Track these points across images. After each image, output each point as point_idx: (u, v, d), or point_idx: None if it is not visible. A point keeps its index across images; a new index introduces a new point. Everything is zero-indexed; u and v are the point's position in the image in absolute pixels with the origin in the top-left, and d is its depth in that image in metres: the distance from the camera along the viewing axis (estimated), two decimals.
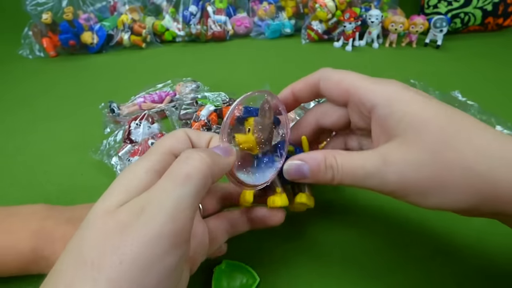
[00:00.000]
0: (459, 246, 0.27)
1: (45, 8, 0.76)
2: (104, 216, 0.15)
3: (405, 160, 0.18)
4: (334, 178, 0.20)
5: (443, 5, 0.86)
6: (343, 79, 0.22)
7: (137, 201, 0.16)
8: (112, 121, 0.45)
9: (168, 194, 0.15)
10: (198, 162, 0.17)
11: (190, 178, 0.16)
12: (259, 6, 0.90)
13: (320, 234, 0.29)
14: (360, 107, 0.21)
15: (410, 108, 0.19)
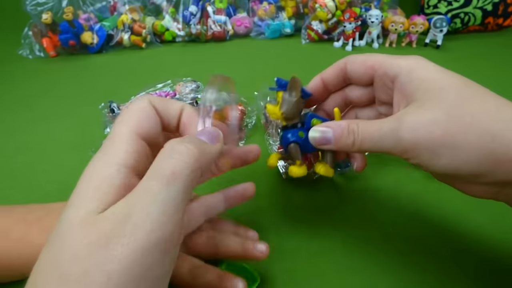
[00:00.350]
0: (459, 245, 0.27)
1: (45, 8, 0.76)
2: (83, 227, 0.14)
3: (419, 119, 0.18)
4: (355, 143, 0.21)
5: (443, 5, 0.86)
6: (368, 58, 0.24)
7: (119, 208, 0.14)
8: (112, 121, 0.45)
9: (153, 197, 0.14)
10: (185, 156, 0.15)
11: (176, 176, 0.15)
12: (259, 6, 0.90)
13: (319, 233, 0.29)
14: (384, 79, 0.23)
15: (429, 76, 0.20)
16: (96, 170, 0.16)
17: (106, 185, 0.15)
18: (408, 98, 0.20)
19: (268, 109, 0.25)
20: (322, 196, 0.33)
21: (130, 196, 0.15)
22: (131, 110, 0.19)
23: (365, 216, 0.30)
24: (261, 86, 0.47)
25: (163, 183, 0.14)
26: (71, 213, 0.14)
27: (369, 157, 0.38)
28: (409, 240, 0.28)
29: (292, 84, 0.24)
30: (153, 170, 0.15)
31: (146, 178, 0.15)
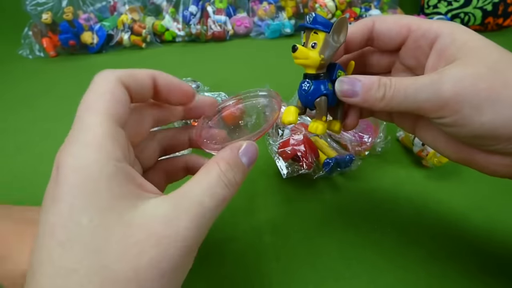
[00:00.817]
0: (458, 246, 0.28)
1: (45, 8, 0.77)
2: (122, 225, 0.14)
3: (462, 73, 0.18)
4: (385, 96, 0.19)
5: (443, 5, 0.86)
6: (400, 17, 0.22)
7: (164, 209, 0.15)
8: None
9: (203, 211, 0.16)
10: (235, 188, 0.17)
11: (226, 202, 0.17)
12: (259, 6, 0.90)
13: (319, 233, 0.29)
14: (421, 40, 0.21)
15: (472, 37, 0.19)
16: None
17: (113, 185, 0.15)
18: (449, 59, 0.19)
19: (300, 50, 0.20)
20: (321, 196, 0.33)
21: (179, 201, 0.16)
22: (98, 93, 0.18)
23: (365, 216, 0.30)
24: (261, 86, 0.47)
25: (214, 205, 0.16)
26: (99, 219, 0.14)
27: (369, 157, 0.38)
28: (407, 241, 0.28)
29: (340, 25, 0.21)
30: (207, 186, 0.16)
31: (198, 190, 0.16)
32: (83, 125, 0.16)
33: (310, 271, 0.26)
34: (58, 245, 0.13)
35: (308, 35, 0.21)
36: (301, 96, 0.22)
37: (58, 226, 0.14)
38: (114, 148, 0.16)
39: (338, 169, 0.34)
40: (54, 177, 0.15)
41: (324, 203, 0.32)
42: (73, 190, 0.14)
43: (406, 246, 0.28)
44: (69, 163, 0.15)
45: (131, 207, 0.15)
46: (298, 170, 0.33)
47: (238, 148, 0.19)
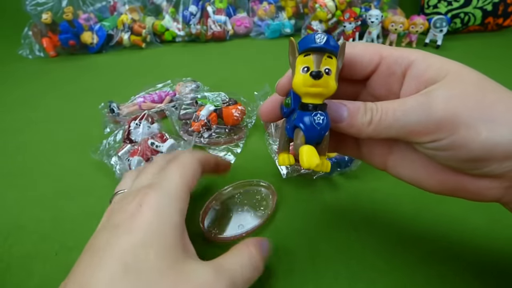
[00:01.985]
0: (458, 246, 0.27)
1: (45, 8, 0.77)
2: (174, 270, 0.17)
3: (450, 92, 0.17)
4: (372, 120, 0.18)
5: (443, 5, 0.86)
6: (369, 45, 0.21)
7: (206, 270, 0.18)
8: (112, 121, 0.45)
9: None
10: (257, 274, 0.21)
11: (250, 283, 0.20)
12: (259, 6, 0.90)
13: (318, 233, 0.29)
14: (394, 67, 0.20)
15: (446, 61, 0.19)
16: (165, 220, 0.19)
17: (175, 233, 0.19)
18: (427, 83, 0.18)
19: (325, 79, 0.17)
20: (321, 196, 0.33)
21: (218, 270, 0.19)
22: (186, 162, 0.23)
23: (364, 216, 0.30)
24: (261, 86, 0.47)
25: (243, 280, 0.19)
26: (160, 259, 0.17)
27: None
28: (407, 241, 0.28)
29: (344, 50, 0.19)
30: (241, 263, 0.20)
31: (234, 265, 0.20)
32: (170, 179, 0.22)
33: (310, 271, 0.26)
34: (123, 270, 0.16)
35: (319, 58, 0.17)
36: (313, 131, 0.18)
37: (127, 253, 0.17)
38: (182, 205, 0.20)
39: (338, 169, 0.34)
40: (135, 211, 0.19)
41: (324, 203, 0.32)
42: (148, 229, 0.18)
43: (406, 246, 0.28)
44: (152, 206, 0.19)
45: (182, 257, 0.18)
46: (298, 170, 0.33)
47: (259, 240, 0.23)
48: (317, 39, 0.17)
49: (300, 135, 0.18)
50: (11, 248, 0.28)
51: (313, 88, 0.17)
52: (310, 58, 0.17)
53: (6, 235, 0.29)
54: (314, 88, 0.17)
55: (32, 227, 0.30)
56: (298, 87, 0.18)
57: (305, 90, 0.18)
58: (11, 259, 0.27)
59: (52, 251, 0.28)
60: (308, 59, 0.17)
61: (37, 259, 0.27)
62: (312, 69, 0.17)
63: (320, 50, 0.17)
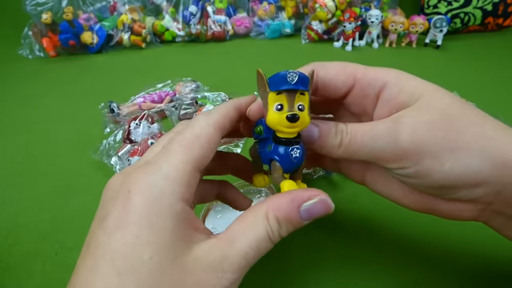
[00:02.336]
0: (457, 246, 0.27)
1: (45, 8, 0.77)
2: (176, 269, 0.15)
3: (417, 120, 0.17)
4: (342, 143, 0.19)
5: (443, 5, 0.86)
6: (345, 65, 0.21)
7: (213, 254, 0.16)
8: (112, 121, 0.45)
9: (247, 262, 0.16)
10: (277, 241, 0.17)
11: (264, 252, 0.17)
12: (259, 6, 0.90)
13: (317, 232, 0.29)
14: (367, 89, 0.20)
15: (418, 82, 0.19)
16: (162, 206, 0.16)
17: (177, 225, 0.16)
18: (399, 106, 0.19)
19: (302, 119, 0.17)
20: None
21: (226, 250, 0.16)
22: (195, 134, 0.18)
23: (365, 216, 0.30)
24: None
25: (256, 256, 0.16)
26: (158, 258, 0.15)
27: None
28: (408, 240, 0.28)
29: (312, 79, 0.19)
30: (254, 239, 0.16)
31: (245, 242, 0.16)
32: (169, 157, 0.17)
33: (310, 271, 0.26)
34: (116, 275, 0.14)
35: (291, 97, 0.17)
36: (290, 164, 0.19)
37: (119, 255, 0.14)
38: (187, 190, 0.16)
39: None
40: (124, 199, 0.16)
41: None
42: (142, 222, 0.15)
43: (406, 246, 0.28)
44: (144, 192, 0.16)
45: (186, 250, 0.15)
46: None
47: (302, 201, 0.17)
48: (289, 78, 0.17)
49: (278, 167, 0.19)
50: (11, 248, 0.28)
51: (289, 129, 0.17)
52: (283, 97, 0.17)
53: (6, 235, 0.29)
54: (290, 129, 0.17)
55: (32, 227, 0.30)
56: (273, 125, 0.18)
57: (281, 129, 0.18)
58: (11, 259, 0.27)
59: (52, 251, 0.28)
60: (281, 97, 0.17)
61: (37, 259, 0.27)
62: (285, 108, 0.17)
63: (292, 91, 0.17)
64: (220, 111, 0.19)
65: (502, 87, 0.57)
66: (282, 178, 0.19)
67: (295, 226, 0.17)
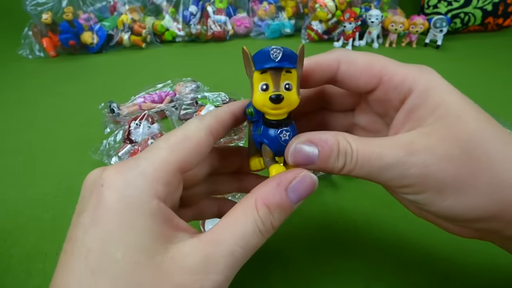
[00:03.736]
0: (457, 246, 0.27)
1: (45, 8, 0.77)
2: (151, 269, 0.14)
3: (432, 152, 0.16)
4: (345, 168, 0.17)
5: (443, 5, 0.86)
6: (373, 62, 0.19)
7: (196, 256, 0.15)
8: (112, 121, 0.45)
9: (236, 262, 0.15)
10: (270, 232, 0.17)
11: (254, 249, 0.16)
12: (259, 6, 0.90)
13: (317, 232, 0.29)
14: (392, 94, 0.18)
15: (446, 100, 0.17)
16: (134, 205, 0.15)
17: (151, 223, 0.15)
18: (418, 121, 0.17)
19: (287, 98, 0.16)
20: (321, 196, 0.33)
21: (210, 250, 0.15)
22: (183, 136, 0.17)
23: (365, 216, 0.30)
24: None
25: (245, 254, 0.15)
26: (130, 257, 0.14)
27: None
28: (408, 240, 0.28)
29: (303, 56, 0.18)
30: (241, 236, 0.15)
31: (231, 240, 0.15)
32: (151, 154, 0.16)
33: (310, 270, 0.26)
34: (90, 273, 0.14)
35: (276, 75, 0.16)
36: (280, 147, 0.18)
37: (93, 253, 0.14)
38: (164, 188, 0.16)
39: None
40: (98, 194, 0.15)
41: (324, 204, 0.32)
42: (115, 219, 0.14)
43: (407, 246, 0.28)
44: (119, 188, 0.15)
45: (162, 250, 0.14)
46: None
47: (289, 182, 0.16)
48: (273, 55, 0.16)
49: (268, 150, 0.18)
50: (11, 248, 0.28)
51: (275, 110, 0.17)
52: (267, 75, 0.16)
53: (6, 235, 0.29)
54: (277, 111, 0.17)
55: (32, 227, 0.30)
56: (258, 106, 0.17)
57: (266, 110, 0.17)
58: (11, 259, 0.27)
59: (52, 251, 0.28)
60: (266, 76, 0.16)
61: (37, 259, 0.27)
62: (271, 88, 0.16)
63: (276, 68, 0.16)
64: (213, 116, 0.19)
65: (502, 87, 0.57)
66: (272, 162, 0.18)
67: (286, 211, 0.17)
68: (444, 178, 0.15)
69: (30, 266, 0.26)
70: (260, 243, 0.16)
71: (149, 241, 0.14)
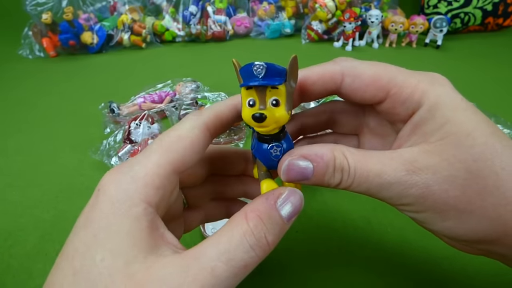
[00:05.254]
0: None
1: (45, 8, 0.77)
2: (124, 277, 0.13)
3: (434, 172, 0.15)
4: (341, 184, 0.16)
5: (443, 5, 0.86)
6: (380, 74, 0.18)
7: (171, 268, 0.14)
8: (112, 121, 0.45)
9: (215, 280, 0.13)
10: (263, 252, 0.14)
11: (247, 270, 0.14)
12: (259, 6, 0.90)
13: (317, 232, 0.29)
14: (399, 108, 0.17)
15: (455, 116, 0.15)
16: (121, 207, 0.15)
17: (135, 228, 0.14)
18: (423, 137, 0.16)
19: (270, 117, 0.15)
20: (321, 196, 0.33)
21: (189, 265, 0.14)
22: (177, 136, 0.17)
23: (364, 216, 0.30)
24: None
25: (230, 273, 0.13)
26: (108, 262, 0.13)
27: None
28: (408, 240, 0.28)
29: (294, 68, 0.17)
30: (225, 249, 0.14)
31: (213, 253, 0.14)
32: (144, 157, 0.16)
33: (310, 271, 0.26)
34: (72, 274, 0.13)
35: (261, 92, 0.16)
36: (271, 162, 0.18)
37: (78, 254, 0.14)
38: (155, 192, 0.15)
39: None
40: (94, 198, 0.15)
41: (324, 203, 0.32)
42: (103, 223, 0.14)
43: (406, 246, 0.28)
44: (111, 192, 0.15)
45: (141, 258, 0.14)
46: None
47: (277, 197, 0.16)
48: (256, 71, 0.15)
49: (260, 164, 0.18)
50: (11, 248, 0.28)
51: (260, 128, 0.16)
52: (253, 91, 0.16)
53: (6, 235, 0.29)
54: (261, 128, 0.16)
55: (32, 227, 0.30)
56: (247, 121, 0.16)
57: (252, 125, 0.16)
58: (11, 259, 0.27)
59: (52, 251, 0.28)
60: (251, 92, 0.16)
61: (37, 259, 0.27)
62: (257, 104, 0.16)
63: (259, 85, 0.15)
64: (212, 111, 0.18)
65: (502, 87, 0.57)
66: (265, 176, 0.18)
67: (279, 224, 0.15)
68: (446, 199, 0.15)
69: (30, 266, 0.26)
70: (251, 261, 0.14)
71: (129, 247, 0.14)
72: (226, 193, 0.24)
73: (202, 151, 0.17)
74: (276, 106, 0.16)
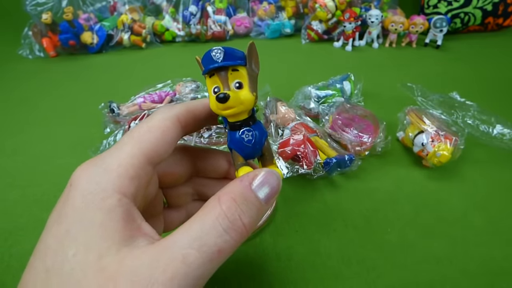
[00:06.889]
0: (457, 246, 0.27)
1: (45, 8, 0.77)
2: (97, 270, 0.13)
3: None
4: None
5: (443, 5, 0.86)
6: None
7: (144, 260, 0.13)
8: (112, 121, 0.45)
9: (188, 269, 0.13)
10: (239, 236, 0.14)
11: (221, 255, 0.13)
12: (259, 6, 0.90)
13: (317, 232, 0.29)
14: None
15: None
16: (95, 198, 0.14)
17: (109, 219, 0.14)
18: None
19: (234, 97, 0.15)
20: (321, 196, 0.33)
21: (160, 253, 0.13)
22: (147, 128, 0.17)
23: (364, 216, 0.30)
24: (261, 86, 0.47)
25: (203, 260, 0.13)
26: (81, 256, 0.13)
27: (369, 157, 0.38)
28: (407, 240, 0.28)
29: (253, 52, 0.17)
30: (197, 235, 0.13)
31: (185, 240, 0.13)
32: (115, 150, 0.16)
33: (310, 271, 0.26)
34: (44, 271, 0.13)
35: (223, 76, 0.16)
36: (245, 149, 0.17)
37: (50, 251, 0.13)
38: (130, 182, 0.15)
39: (338, 169, 0.34)
40: (66, 194, 0.15)
41: (324, 203, 0.32)
42: (75, 217, 0.14)
43: (406, 246, 0.28)
44: (83, 185, 0.14)
45: (114, 250, 0.13)
46: (298, 170, 0.33)
47: (252, 178, 0.15)
48: (215, 56, 0.16)
49: (235, 155, 0.18)
50: (11, 248, 0.28)
51: (226, 111, 0.16)
52: (216, 78, 0.16)
53: (6, 235, 0.29)
54: (227, 111, 0.16)
55: (32, 227, 0.30)
56: (214, 110, 0.17)
57: (220, 112, 0.16)
58: (11, 259, 0.27)
59: None
60: (215, 79, 0.16)
61: None
62: (221, 89, 0.16)
63: (219, 68, 0.16)
64: (183, 105, 0.18)
65: (502, 87, 0.57)
66: (242, 165, 0.18)
67: (256, 207, 0.15)
68: None
69: None
70: (226, 246, 0.13)
71: (102, 239, 0.13)
72: (208, 195, 0.23)
73: (173, 142, 0.17)
74: (239, 88, 0.16)
